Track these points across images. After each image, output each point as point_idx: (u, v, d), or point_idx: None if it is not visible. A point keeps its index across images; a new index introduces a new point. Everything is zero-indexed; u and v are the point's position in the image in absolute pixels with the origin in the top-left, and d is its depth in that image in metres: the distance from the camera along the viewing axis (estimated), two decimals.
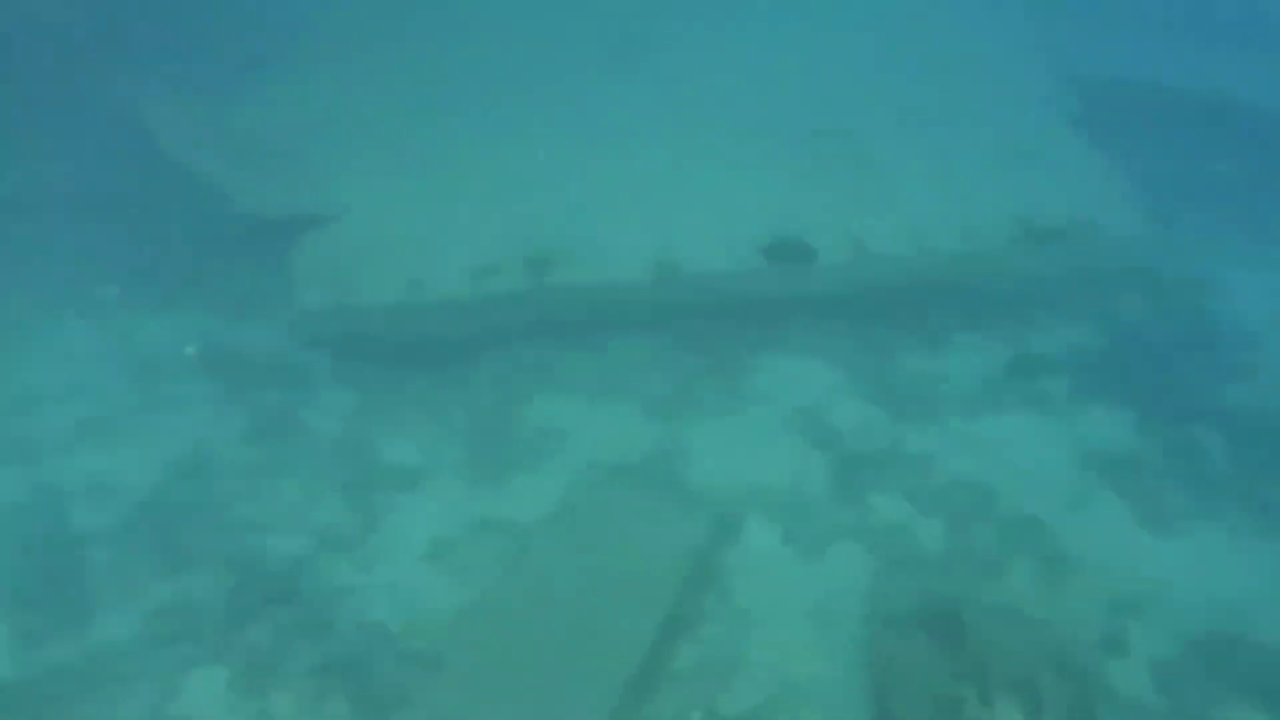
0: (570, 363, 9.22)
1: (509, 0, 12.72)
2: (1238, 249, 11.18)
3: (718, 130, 10.55)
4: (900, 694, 6.78)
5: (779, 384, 9.04)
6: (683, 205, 9.59)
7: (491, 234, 9.18)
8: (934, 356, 9.38)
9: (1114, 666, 7.32)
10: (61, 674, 6.63)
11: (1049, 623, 7.44)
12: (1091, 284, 10.00)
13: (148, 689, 6.57)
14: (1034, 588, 7.73)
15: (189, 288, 10.10)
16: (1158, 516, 8.35)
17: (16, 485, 8.00)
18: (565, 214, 9.36)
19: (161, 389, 9.02)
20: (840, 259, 9.23)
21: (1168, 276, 10.34)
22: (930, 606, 7.37)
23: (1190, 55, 13.21)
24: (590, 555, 7.31)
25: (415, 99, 10.98)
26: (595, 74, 11.56)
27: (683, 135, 10.49)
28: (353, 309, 8.72)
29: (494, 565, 7.42)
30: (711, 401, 8.88)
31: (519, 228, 9.21)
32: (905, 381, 9.15)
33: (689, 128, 10.59)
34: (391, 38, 12.20)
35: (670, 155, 10.20)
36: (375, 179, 9.77)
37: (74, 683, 6.59)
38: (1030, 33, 12.78)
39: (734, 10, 12.92)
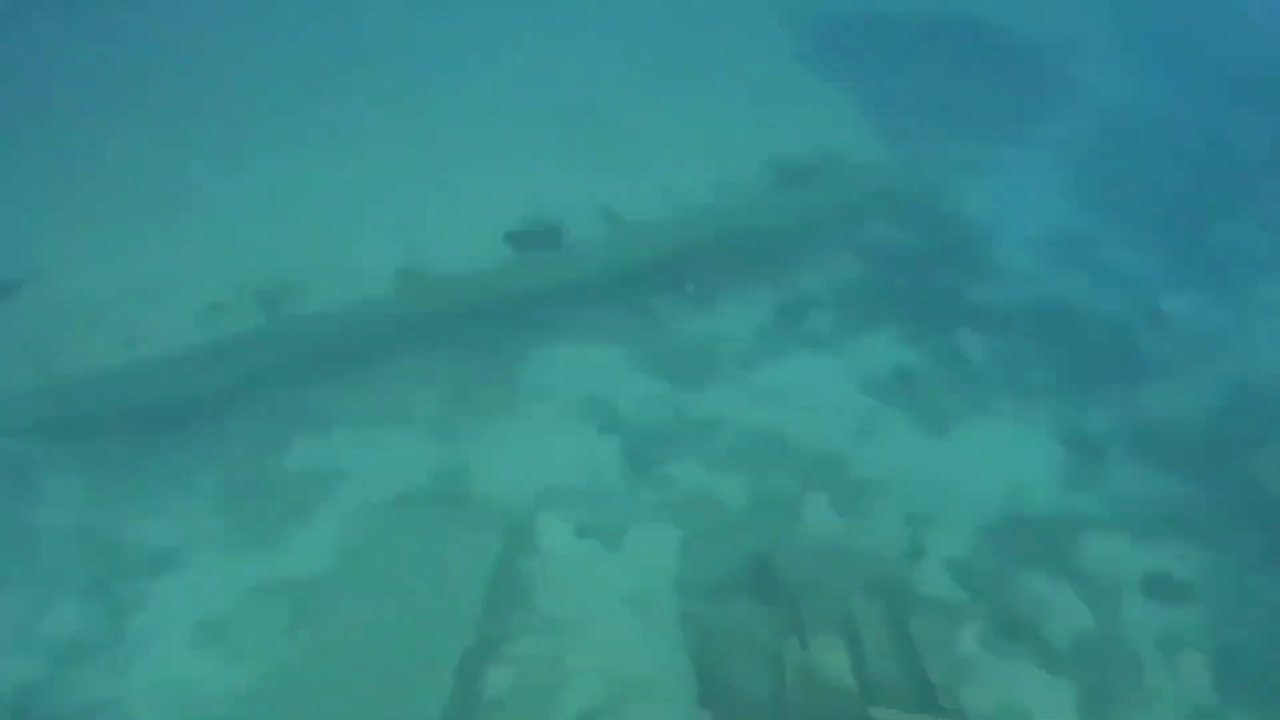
0: (328, 397, 8.46)
1: (209, 25, 11.46)
2: (965, 157, 11.85)
3: (455, 127, 9.94)
4: (725, 664, 6.65)
5: (556, 375, 8.68)
6: (423, 208, 8.95)
7: (214, 271, 8.21)
8: (705, 316, 9.30)
9: (918, 575, 7.53)
10: None
11: (855, 551, 7.54)
12: (843, 215, 10.23)
13: None
14: (837, 521, 7.82)
15: None
16: (938, 423, 8.69)
17: None
18: (295, 237, 8.52)
19: None
20: (595, 234, 8.93)
21: (909, 195, 10.75)
22: (742, 567, 7.31)
23: None
24: (381, 600, 6.70)
25: (108, 140, 9.71)
26: (311, 90, 10.62)
27: (416, 137, 9.81)
28: (60, 383, 7.58)
29: (275, 636, 6.67)
30: (490, 407, 8.39)
31: (245, 260, 8.29)
32: (682, 347, 9.01)
33: (421, 129, 9.92)
34: (67, 78, 10.74)
35: (405, 159, 9.51)
36: (68, 234, 8.54)
37: None
38: None
39: (454, 6, 12.26)
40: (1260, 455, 8.35)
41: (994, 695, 6.91)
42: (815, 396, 8.67)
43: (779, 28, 11.85)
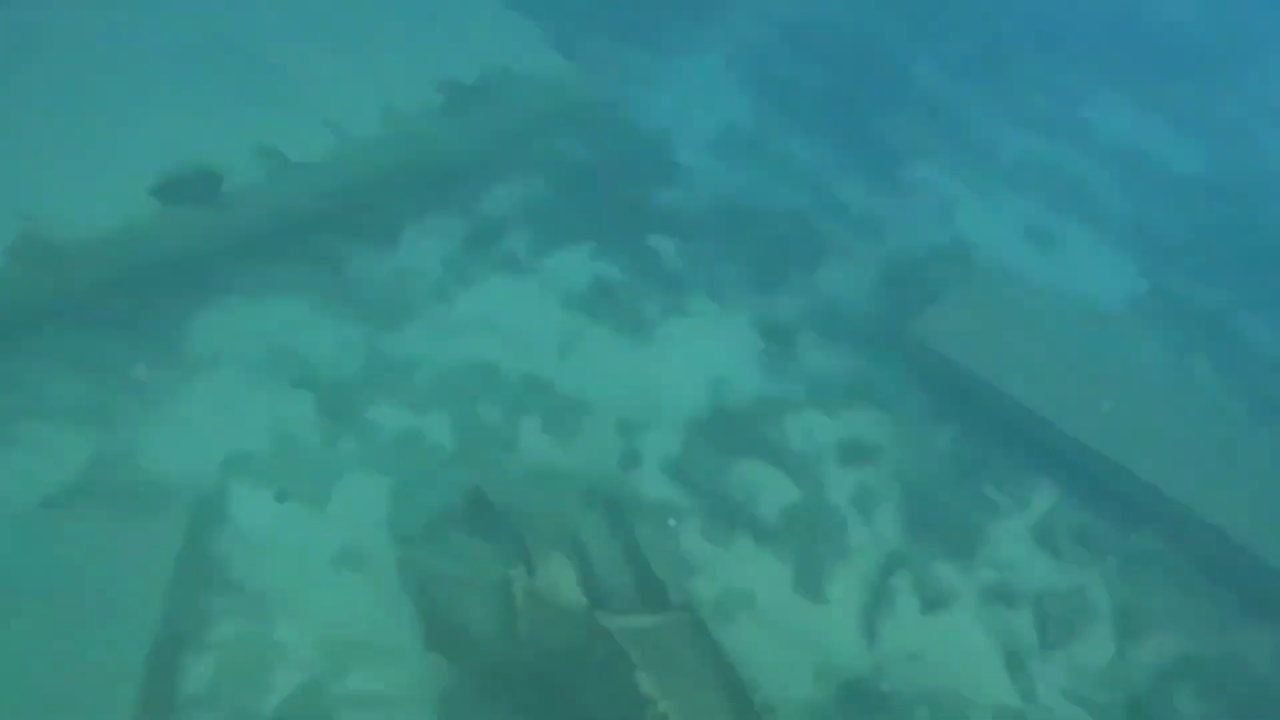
0: None
1: None
2: (640, 67, 11.96)
3: (70, 75, 8.53)
4: (452, 605, 6.43)
5: (229, 338, 7.80)
6: (41, 167, 7.67)
7: None
8: (391, 253, 8.77)
9: (636, 481, 7.69)
10: None
11: (572, 470, 7.56)
12: (523, 133, 10.00)
13: None
14: (550, 442, 7.78)
15: None
16: (639, 330, 8.85)
17: None
18: None
19: None
20: (255, 179, 8.11)
21: (587, 107, 10.67)
22: (458, 504, 7.07)
23: None
24: (41, 617, 5.80)
25: None
26: None
27: (21, 89, 8.36)
28: None
29: None
30: (153, 384, 7.43)
31: None
32: (369, 288, 8.45)
33: (27, 79, 8.45)
34: None
35: (8, 114, 8.10)
36: None
37: None
38: None
39: None
40: (922, 319, 9.25)
41: (718, 583, 7.27)
42: (515, 321, 8.49)
43: None
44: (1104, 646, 7.85)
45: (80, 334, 7.51)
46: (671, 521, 7.94)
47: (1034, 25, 15.85)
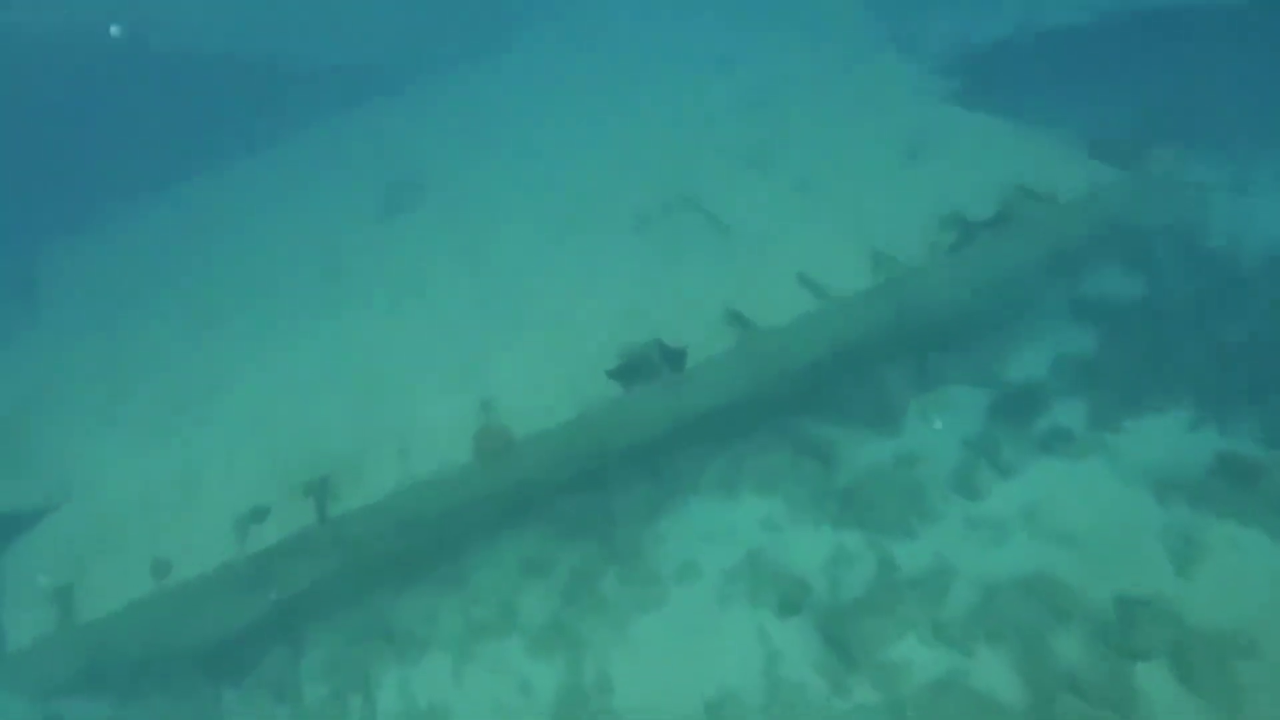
0: (411, 608, 6.41)
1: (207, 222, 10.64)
2: (1219, 173, 8.73)
3: (520, 249, 8.26)
4: None
5: (702, 543, 6.28)
6: (498, 352, 7.07)
7: (251, 467, 6.62)
8: (892, 436, 6.72)
9: None
10: None
11: None
12: (1055, 268, 7.51)
13: None
14: (1180, 696, 4.85)
15: None
16: None
17: None
18: (342, 412, 6.87)
19: None
20: (721, 352, 6.68)
21: (1146, 228, 7.84)
22: None
23: None
24: None
25: (133, 344, 8.68)
26: (346, 244, 9.30)
27: (471, 271, 8.17)
28: (86, 630, 6.01)
29: None
30: (621, 599, 6.05)
31: (287, 449, 6.66)
32: (867, 481, 6.38)
33: (478, 261, 8.27)
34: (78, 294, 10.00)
35: (460, 299, 7.83)
36: (96, 445, 7.32)
37: None
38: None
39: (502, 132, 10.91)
40: None
41: None
42: (1084, 517, 5.85)
43: (904, 67, 9.63)
44: None
45: (543, 537, 6.51)
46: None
47: None
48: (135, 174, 11.39)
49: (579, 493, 6.57)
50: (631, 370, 6.59)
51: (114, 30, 11.37)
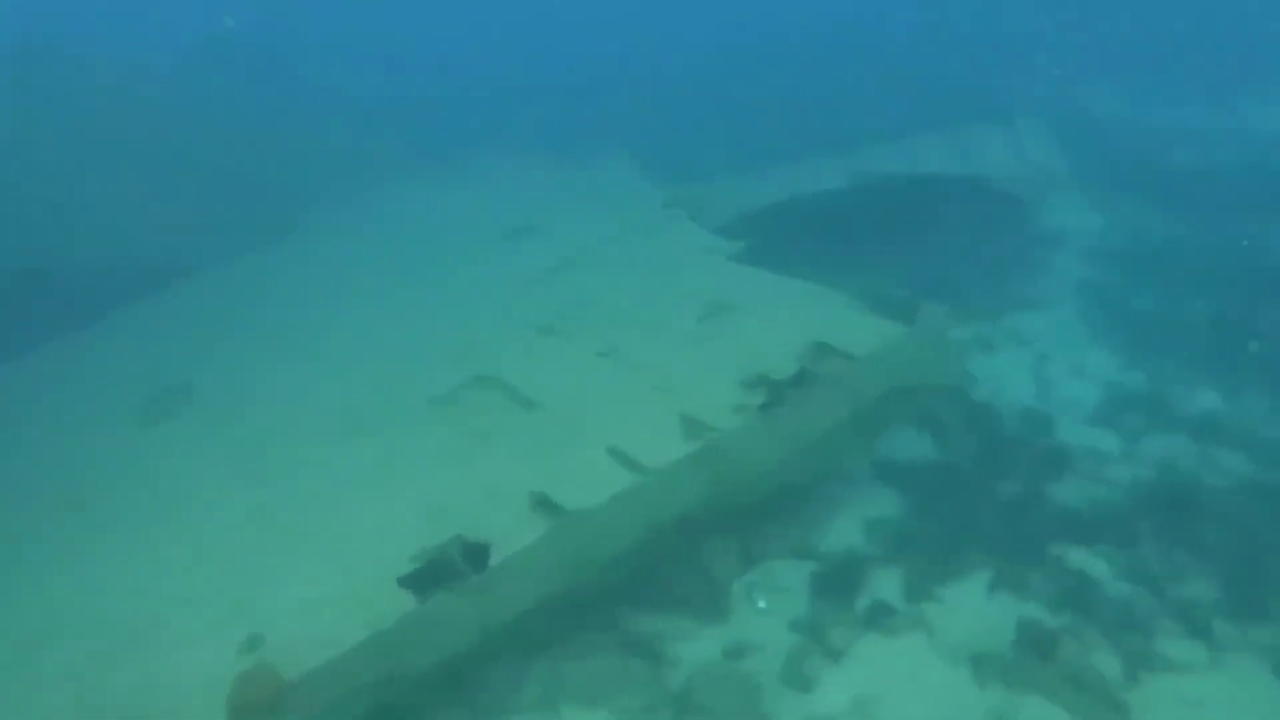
0: None
1: None
2: (979, 333, 9.56)
3: (298, 456, 7.30)
4: None
5: None
6: (272, 574, 6.02)
7: None
8: (711, 627, 6.31)
9: None
10: None
11: None
12: (856, 431, 7.52)
13: None
14: None
15: None
16: (1104, 700, 5.72)
17: None
18: (63, 691, 5.56)
19: None
20: (532, 536, 6.03)
21: (930, 388, 8.14)
22: None
23: None
24: None
25: None
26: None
27: (246, 493, 7.08)
28: None
29: None
30: None
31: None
32: (700, 681, 5.92)
33: (250, 483, 7.14)
34: None
35: (233, 520, 6.74)
36: None
37: None
38: None
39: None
40: None
41: None
42: (912, 703, 5.67)
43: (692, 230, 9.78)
44: None
45: None
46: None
47: None
48: None
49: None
50: (427, 575, 5.87)
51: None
